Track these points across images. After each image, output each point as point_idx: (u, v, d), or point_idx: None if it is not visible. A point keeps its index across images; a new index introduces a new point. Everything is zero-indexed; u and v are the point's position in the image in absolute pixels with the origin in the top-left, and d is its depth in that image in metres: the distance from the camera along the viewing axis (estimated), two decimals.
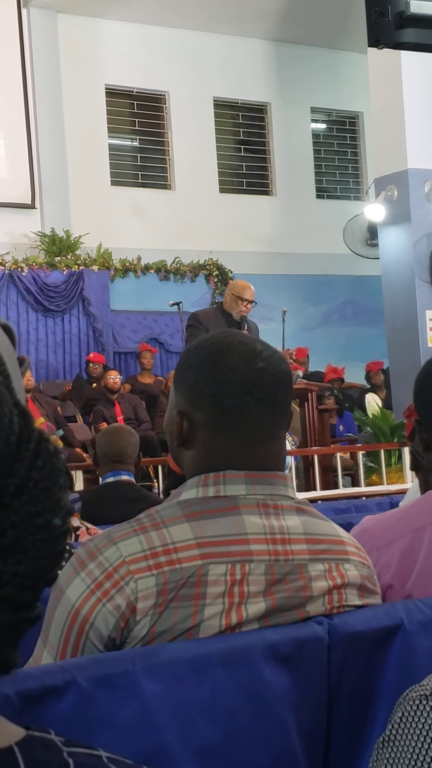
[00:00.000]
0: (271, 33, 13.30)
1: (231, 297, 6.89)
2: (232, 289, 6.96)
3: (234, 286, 7.02)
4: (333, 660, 1.42)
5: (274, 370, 1.52)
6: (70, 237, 11.72)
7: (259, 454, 1.50)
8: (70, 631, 1.40)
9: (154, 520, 1.45)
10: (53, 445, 0.59)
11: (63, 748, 0.61)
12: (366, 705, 1.45)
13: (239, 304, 6.77)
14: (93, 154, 12.33)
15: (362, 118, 14.14)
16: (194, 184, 12.92)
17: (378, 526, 1.88)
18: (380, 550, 1.80)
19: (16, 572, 0.55)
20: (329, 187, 14.26)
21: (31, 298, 11.56)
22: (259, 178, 13.73)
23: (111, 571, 1.40)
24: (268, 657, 1.36)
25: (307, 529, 1.51)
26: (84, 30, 12.32)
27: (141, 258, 12.29)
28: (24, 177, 11.76)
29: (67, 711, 1.22)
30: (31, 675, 1.22)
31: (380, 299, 10.51)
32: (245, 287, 6.96)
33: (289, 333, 10.88)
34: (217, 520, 1.45)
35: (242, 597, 1.42)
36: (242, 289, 6.90)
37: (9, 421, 0.57)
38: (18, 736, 0.61)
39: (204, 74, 13.00)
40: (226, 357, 1.51)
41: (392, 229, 9.97)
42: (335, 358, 12.75)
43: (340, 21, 12.68)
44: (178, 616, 1.39)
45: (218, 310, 6.95)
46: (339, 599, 1.50)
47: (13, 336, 0.68)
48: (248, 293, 6.83)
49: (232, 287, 7.02)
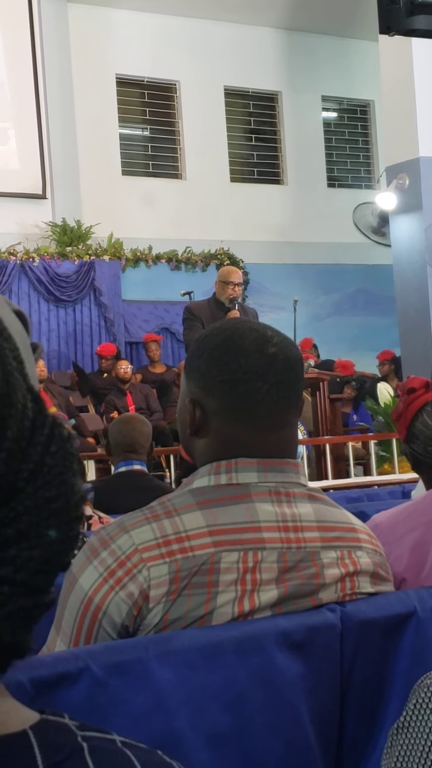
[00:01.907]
0: (282, 21, 13.25)
1: (218, 284, 7.00)
2: (219, 276, 7.10)
3: (219, 273, 7.17)
4: (346, 647, 1.42)
5: (285, 355, 1.52)
6: (81, 227, 11.72)
7: (271, 440, 1.50)
8: (83, 619, 1.41)
9: (166, 508, 1.45)
10: (66, 431, 0.59)
11: (77, 732, 0.61)
12: (379, 692, 1.45)
13: (226, 288, 6.86)
14: (104, 143, 12.32)
15: (373, 106, 14.09)
16: (205, 173, 12.90)
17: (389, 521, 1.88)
18: (392, 545, 1.80)
19: (30, 557, 0.56)
20: (340, 176, 14.22)
21: (43, 289, 11.57)
22: (270, 167, 13.69)
23: (124, 559, 1.40)
24: (281, 644, 1.36)
25: (319, 516, 1.51)
26: (94, 19, 12.30)
27: (152, 248, 12.28)
28: (35, 167, 11.75)
29: (81, 698, 1.22)
30: (45, 662, 1.23)
31: (392, 288, 10.49)
32: (230, 271, 7.12)
33: (300, 322, 10.87)
34: (230, 508, 1.45)
35: (255, 584, 1.42)
36: (227, 273, 7.05)
37: (23, 406, 0.57)
38: (32, 719, 0.61)
39: (214, 63, 12.96)
40: (237, 343, 1.51)
41: (404, 217, 9.94)
42: (347, 348, 12.74)
43: (350, 9, 12.63)
44: (191, 604, 1.39)
45: (211, 300, 7.01)
46: (351, 586, 1.50)
47: (27, 322, 0.68)
48: (233, 276, 6.93)
49: (218, 275, 7.14)
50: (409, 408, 2.01)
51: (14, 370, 0.58)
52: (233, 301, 6.82)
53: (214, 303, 6.97)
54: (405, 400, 2.03)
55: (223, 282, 6.93)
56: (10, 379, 0.57)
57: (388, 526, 1.86)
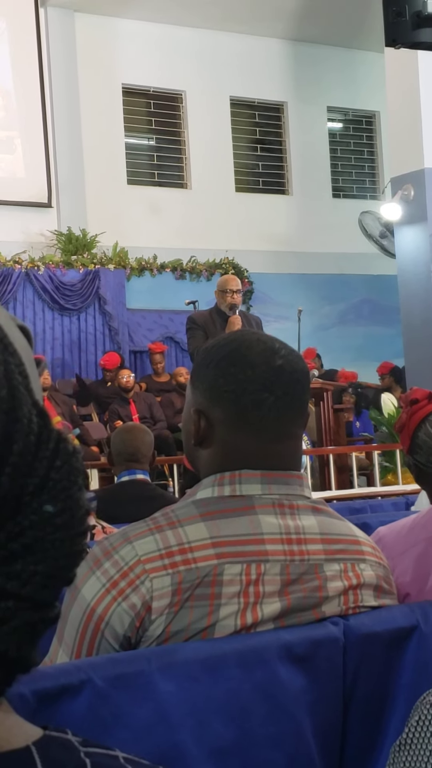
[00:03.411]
0: (288, 32, 13.28)
1: (217, 293, 7.06)
2: (217, 286, 7.16)
3: (217, 283, 7.23)
4: (348, 661, 1.42)
5: (292, 367, 1.52)
6: (86, 236, 11.74)
7: (276, 451, 1.50)
8: (85, 630, 1.40)
9: (169, 519, 1.45)
10: (72, 445, 0.59)
11: (80, 748, 0.61)
12: (381, 706, 1.45)
13: (225, 296, 6.91)
14: (109, 153, 12.35)
15: (379, 117, 14.11)
16: (210, 183, 12.92)
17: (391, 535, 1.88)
18: (395, 559, 1.80)
19: (36, 571, 0.56)
20: (345, 187, 14.24)
21: (48, 297, 11.59)
22: (275, 177, 13.71)
23: (126, 570, 1.40)
24: (284, 657, 1.36)
25: (323, 529, 1.50)
26: (101, 29, 12.33)
27: (157, 257, 12.30)
28: (41, 176, 11.78)
29: (83, 710, 1.22)
30: (47, 674, 1.23)
31: (396, 299, 10.49)
32: (227, 279, 7.18)
33: (304, 332, 10.88)
34: (233, 520, 1.44)
35: (257, 597, 1.42)
36: (224, 282, 7.11)
37: (28, 421, 0.57)
38: (35, 735, 0.61)
39: (221, 73, 13.00)
40: (244, 354, 1.51)
41: (409, 228, 9.95)
42: (351, 358, 12.74)
43: (357, 20, 12.66)
44: (194, 616, 1.39)
45: (213, 310, 7.04)
46: (355, 600, 1.50)
47: (30, 337, 0.68)
48: (231, 284, 6.98)
49: (217, 285, 7.18)
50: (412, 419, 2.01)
51: (19, 384, 0.58)
52: (233, 308, 6.85)
53: (216, 312, 7.01)
54: (408, 411, 2.03)
55: (221, 291, 6.98)
56: (15, 393, 0.57)
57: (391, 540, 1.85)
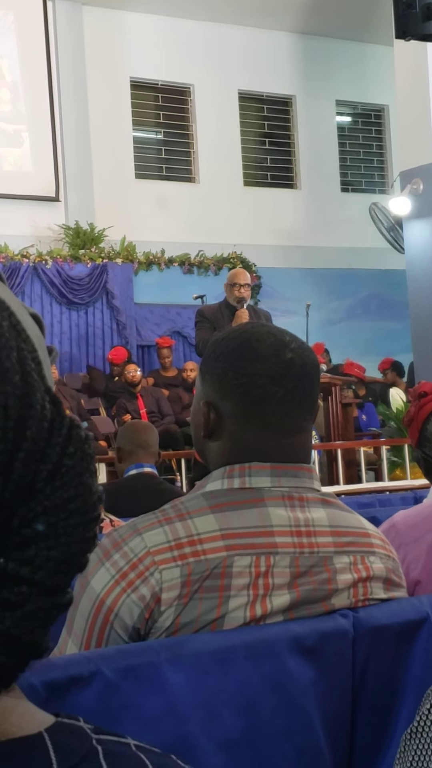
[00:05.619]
0: (297, 25, 13.25)
1: (226, 287, 7.09)
2: (226, 280, 7.18)
3: (228, 276, 7.26)
4: (358, 653, 1.42)
5: (302, 361, 1.51)
6: (94, 230, 11.74)
7: (285, 445, 1.49)
8: (94, 621, 1.40)
9: (179, 511, 1.45)
10: (84, 432, 0.59)
11: (92, 735, 0.61)
12: (391, 698, 1.44)
13: (234, 290, 6.92)
14: (117, 146, 12.35)
15: (388, 111, 14.08)
16: (218, 177, 12.91)
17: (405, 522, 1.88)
18: (408, 546, 1.80)
19: (49, 557, 0.56)
20: (354, 181, 14.21)
21: (55, 291, 11.60)
22: (283, 172, 13.69)
23: (136, 561, 1.40)
24: (293, 650, 1.36)
25: (332, 521, 1.50)
26: (109, 22, 12.32)
27: (165, 251, 12.30)
28: (48, 170, 11.78)
29: (92, 701, 1.22)
30: (57, 665, 1.23)
31: (405, 293, 10.47)
32: (236, 273, 7.20)
33: (312, 327, 10.87)
34: (243, 512, 1.44)
35: (267, 589, 1.42)
36: (233, 275, 7.14)
37: (41, 407, 0.58)
38: (47, 722, 0.61)
39: (229, 67, 12.98)
40: (254, 347, 1.50)
41: (417, 222, 9.92)
42: (359, 352, 12.72)
43: (365, 13, 12.63)
44: (203, 608, 1.39)
45: (223, 304, 7.05)
46: (364, 592, 1.50)
47: (42, 325, 0.68)
48: (239, 277, 7.00)
49: (227, 278, 7.19)
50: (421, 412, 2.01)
51: (33, 371, 0.58)
52: (242, 301, 6.86)
53: (225, 306, 7.02)
54: (416, 404, 2.03)
55: (230, 284, 6.99)
56: (29, 379, 0.58)
57: (405, 527, 1.85)
